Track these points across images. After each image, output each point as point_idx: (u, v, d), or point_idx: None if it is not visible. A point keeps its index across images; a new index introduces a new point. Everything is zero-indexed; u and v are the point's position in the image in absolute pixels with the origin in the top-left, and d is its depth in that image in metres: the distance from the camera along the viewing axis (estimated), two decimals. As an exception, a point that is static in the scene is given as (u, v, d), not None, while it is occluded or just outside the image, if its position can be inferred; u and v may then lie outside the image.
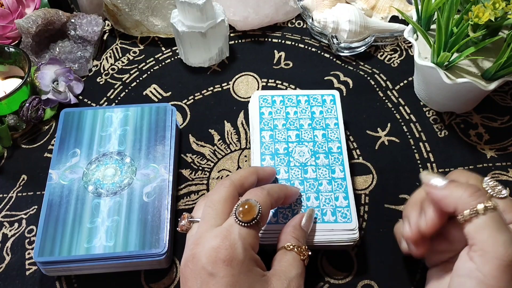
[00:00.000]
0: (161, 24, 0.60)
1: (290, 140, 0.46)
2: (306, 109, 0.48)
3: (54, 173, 0.45)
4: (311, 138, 0.46)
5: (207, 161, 0.51)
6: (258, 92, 0.50)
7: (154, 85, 0.57)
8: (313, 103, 0.48)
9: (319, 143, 0.46)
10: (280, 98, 0.49)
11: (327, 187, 0.43)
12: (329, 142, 0.46)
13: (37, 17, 0.56)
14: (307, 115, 0.48)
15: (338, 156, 0.45)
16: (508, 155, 0.50)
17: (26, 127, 0.53)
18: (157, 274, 0.43)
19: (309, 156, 0.45)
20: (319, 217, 0.41)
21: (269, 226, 0.41)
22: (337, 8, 0.59)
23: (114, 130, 0.48)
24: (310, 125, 0.47)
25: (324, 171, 0.44)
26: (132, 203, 0.43)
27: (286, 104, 0.48)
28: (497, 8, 0.42)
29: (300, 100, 0.49)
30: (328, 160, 0.45)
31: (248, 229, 0.35)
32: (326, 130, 0.47)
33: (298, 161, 0.45)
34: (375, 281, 0.42)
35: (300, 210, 0.42)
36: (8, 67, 0.56)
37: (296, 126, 0.47)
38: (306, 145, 0.46)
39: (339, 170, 0.44)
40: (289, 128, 0.47)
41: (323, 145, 0.46)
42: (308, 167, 0.44)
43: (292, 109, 0.48)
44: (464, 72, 0.46)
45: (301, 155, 0.45)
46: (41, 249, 0.41)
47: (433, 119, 0.53)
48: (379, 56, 0.59)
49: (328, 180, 0.44)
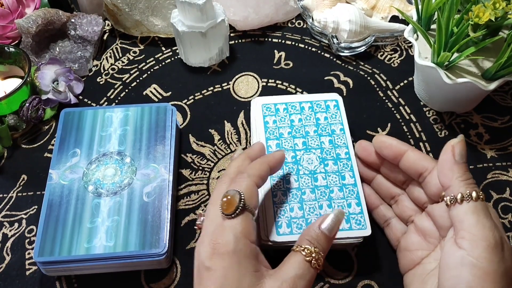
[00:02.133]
0: (161, 24, 0.60)
1: (297, 148, 0.45)
2: (311, 115, 0.48)
3: (54, 173, 0.45)
4: (318, 145, 0.46)
5: (207, 161, 0.51)
6: (259, 99, 0.49)
7: (154, 85, 0.57)
8: (317, 109, 0.48)
9: (326, 150, 0.45)
10: (283, 106, 0.48)
11: (339, 194, 0.43)
12: (337, 148, 0.45)
13: (37, 17, 0.56)
14: (312, 122, 0.47)
15: (347, 162, 0.44)
16: (508, 155, 0.50)
17: (26, 127, 0.53)
18: (157, 274, 0.43)
19: (318, 163, 0.44)
20: None
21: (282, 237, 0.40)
22: (337, 8, 0.59)
23: (114, 130, 0.48)
24: (316, 131, 0.46)
25: (334, 178, 0.44)
26: (132, 203, 0.43)
27: (290, 111, 0.48)
28: (497, 8, 0.42)
29: (304, 107, 0.48)
30: (337, 167, 0.44)
31: (236, 219, 0.35)
32: (332, 136, 0.46)
33: (307, 169, 0.44)
34: (375, 281, 0.42)
35: (313, 218, 0.41)
36: (8, 67, 0.56)
37: (302, 134, 0.46)
38: (314, 152, 0.45)
39: (349, 176, 0.44)
40: (295, 136, 0.46)
41: (330, 151, 0.45)
42: (318, 175, 0.44)
43: (296, 117, 0.48)
44: (464, 72, 0.46)
45: (309, 162, 0.44)
46: (41, 249, 0.41)
47: (433, 119, 0.53)
48: (379, 56, 0.59)
49: (339, 187, 0.43)
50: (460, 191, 0.34)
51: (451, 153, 0.36)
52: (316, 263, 0.34)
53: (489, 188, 0.48)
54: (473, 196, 0.34)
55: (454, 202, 0.35)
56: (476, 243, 0.32)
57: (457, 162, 0.36)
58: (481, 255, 0.32)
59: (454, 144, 0.36)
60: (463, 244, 0.33)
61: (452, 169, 0.36)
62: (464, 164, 0.36)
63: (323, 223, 0.36)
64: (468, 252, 0.32)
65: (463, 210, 0.34)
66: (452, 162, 0.36)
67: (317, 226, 0.36)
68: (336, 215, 0.36)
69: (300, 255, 0.34)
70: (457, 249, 0.33)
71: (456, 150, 0.36)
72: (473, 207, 0.34)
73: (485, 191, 0.48)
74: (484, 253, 0.32)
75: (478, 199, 0.34)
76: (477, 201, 0.34)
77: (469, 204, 0.34)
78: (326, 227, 0.36)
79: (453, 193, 0.35)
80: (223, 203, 0.35)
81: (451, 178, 0.35)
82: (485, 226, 0.33)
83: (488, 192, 0.48)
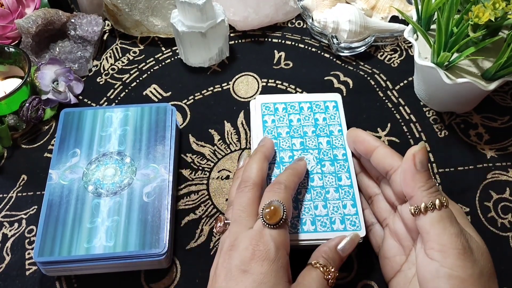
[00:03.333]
0: (161, 24, 0.60)
1: (295, 148, 0.45)
2: (309, 116, 0.48)
3: (54, 173, 0.45)
4: (315, 146, 0.46)
5: (207, 161, 0.51)
6: (259, 97, 0.49)
7: (154, 85, 0.57)
8: (316, 109, 0.48)
9: (324, 151, 0.45)
10: (282, 105, 0.48)
11: (334, 195, 0.43)
12: (334, 149, 0.45)
13: (37, 17, 0.56)
14: (310, 122, 0.47)
15: (344, 163, 0.45)
16: (508, 155, 0.50)
17: (26, 127, 0.53)
18: (157, 274, 0.43)
19: (315, 163, 0.44)
20: (328, 225, 0.41)
21: None
22: (337, 8, 0.59)
23: (114, 130, 0.48)
24: (314, 132, 0.47)
25: (330, 179, 0.44)
26: (132, 203, 0.43)
27: (289, 111, 0.48)
28: (497, 8, 0.42)
29: (303, 107, 0.48)
30: (334, 168, 0.44)
31: (278, 230, 0.35)
32: (330, 137, 0.46)
33: None
34: (375, 281, 0.42)
35: (308, 219, 0.41)
36: (8, 67, 0.56)
37: (300, 134, 0.46)
38: (311, 153, 0.45)
39: (346, 177, 0.44)
40: (293, 136, 0.46)
41: (328, 152, 0.45)
42: (315, 175, 0.44)
43: (295, 117, 0.48)
44: (464, 72, 0.46)
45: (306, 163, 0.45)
46: (41, 249, 0.41)
47: (433, 119, 0.53)
48: (379, 56, 0.59)
49: (335, 187, 0.43)
50: (423, 201, 0.34)
51: (412, 162, 0.35)
52: (332, 281, 0.36)
53: (489, 188, 0.48)
54: (436, 205, 0.34)
55: (418, 212, 0.34)
56: (446, 253, 0.32)
57: (418, 171, 0.35)
58: (454, 264, 0.32)
59: (414, 152, 0.36)
60: (434, 256, 0.33)
61: (413, 179, 0.35)
62: (425, 172, 0.35)
63: (340, 244, 0.38)
64: (441, 263, 0.32)
65: (428, 221, 0.34)
66: (413, 172, 0.35)
67: (334, 246, 0.38)
68: (352, 239, 0.39)
69: (320, 272, 0.36)
70: (429, 261, 0.33)
71: (417, 158, 0.35)
72: (438, 216, 0.33)
73: (485, 191, 0.48)
74: (457, 261, 0.32)
75: (442, 207, 0.34)
76: (441, 209, 0.34)
77: (433, 214, 0.33)
78: (341, 248, 0.38)
79: (417, 203, 0.34)
80: (267, 212, 0.36)
81: (413, 187, 0.35)
82: (452, 233, 0.33)
83: (488, 192, 0.48)
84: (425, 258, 0.34)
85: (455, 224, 0.33)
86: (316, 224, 0.41)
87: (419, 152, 0.36)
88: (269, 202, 0.36)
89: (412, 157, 0.35)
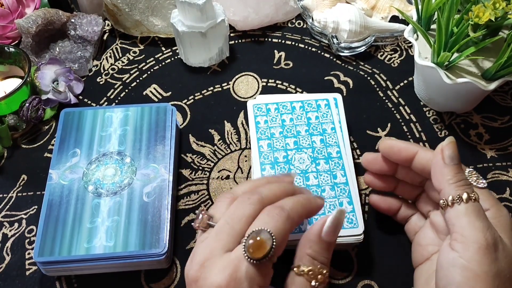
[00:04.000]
0: (161, 24, 0.60)
1: (289, 148, 0.46)
2: (302, 115, 0.48)
3: (54, 173, 0.45)
4: (309, 145, 0.46)
5: (207, 161, 0.51)
6: (252, 100, 0.49)
7: (154, 85, 0.57)
8: (308, 108, 0.48)
9: (318, 149, 0.45)
10: (274, 106, 0.49)
11: (330, 193, 0.43)
12: (328, 147, 0.46)
13: (37, 17, 0.56)
14: (303, 121, 0.47)
15: (338, 160, 0.45)
16: (508, 155, 0.50)
17: (26, 127, 0.53)
18: (157, 274, 0.43)
19: (309, 162, 0.45)
20: None
21: None
22: (337, 8, 0.59)
23: (114, 130, 0.48)
24: (307, 131, 0.47)
25: (326, 177, 0.44)
26: (132, 203, 0.43)
27: (281, 111, 0.48)
28: (497, 8, 0.42)
29: (295, 107, 0.48)
30: (328, 166, 0.44)
31: (258, 267, 0.30)
32: (323, 136, 0.46)
33: (299, 168, 0.44)
34: (375, 281, 0.42)
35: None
36: (8, 67, 0.56)
37: (293, 133, 0.47)
38: (305, 152, 0.45)
39: (341, 175, 0.44)
40: (286, 135, 0.46)
41: (322, 150, 0.45)
42: (310, 174, 0.44)
43: (287, 116, 0.48)
44: (464, 72, 0.46)
45: (301, 162, 0.45)
46: (41, 249, 0.41)
47: (433, 119, 0.53)
48: (379, 56, 0.59)
49: (330, 186, 0.43)
50: (450, 193, 0.34)
51: (440, 156, 0.36)
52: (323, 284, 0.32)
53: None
54: (463, 198, 0.34)
55: (446, 205, 0.35)
56: (467, 245, 0.32)
57: (446, 165, 0.35)
58: (472, 258, 0.32)
59: (443, 146, 0.36)
60: (455, 247, 0.33)
61: (442, 172, 0.35)
62: (455, 166, 0.35)
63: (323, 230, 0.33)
64: (460, 254, 0.32)
65: (454, 213, 0.34)
66: (442, 165, 0.35)
67: (317, 235, 0.33)
68: (335, 218, 0.33)
69: (304, 281, 0.32)
70: (450, 251, 0.33)
71: (445, 152, 0.36)
72: (464, 209, 0.33)
73: (485, 191, 0.48)
74: (475, 255, 0.32)
75: (469, 200, 0.34)
76: (468, 203, 0.34)
77: (459, 207, 0.34)
78: (325, 233, 0.33)
79: (445, 197, 0.35)
80: (250, 244, 0.30)
81: (442, 181, 0.35)
82: (476, 228, 0.33)
83: (488, 192, 0.48)
84: (447, 247, 0.34)
85: (481, 219, 0.33)
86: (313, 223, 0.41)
87: (446, 146, 0.36)
88: (258, 231, 0.31)
89: (440, 151, 0.36)
